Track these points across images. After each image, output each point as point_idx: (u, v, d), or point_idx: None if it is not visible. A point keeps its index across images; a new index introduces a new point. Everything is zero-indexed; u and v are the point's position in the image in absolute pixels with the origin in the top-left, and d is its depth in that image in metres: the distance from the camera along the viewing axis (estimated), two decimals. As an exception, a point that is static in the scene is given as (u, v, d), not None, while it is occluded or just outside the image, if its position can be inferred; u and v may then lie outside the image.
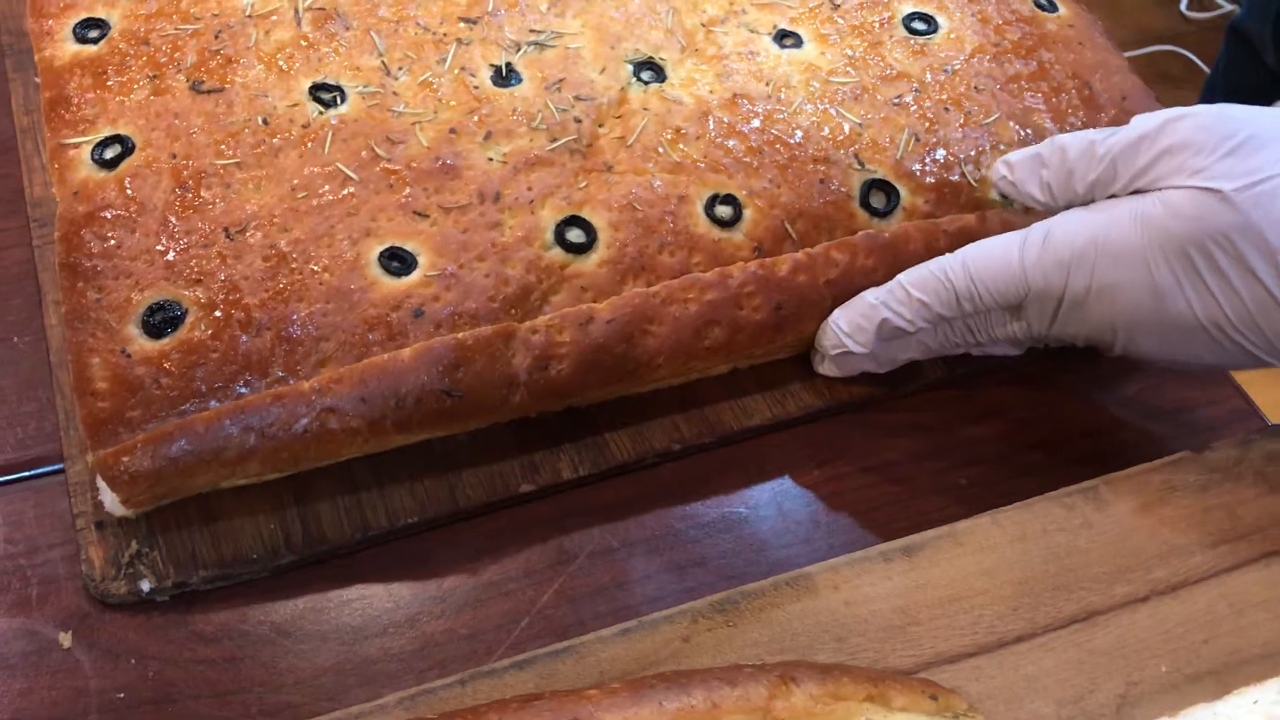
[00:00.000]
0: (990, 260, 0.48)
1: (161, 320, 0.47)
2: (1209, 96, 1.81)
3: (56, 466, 0.49)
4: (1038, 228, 0.47)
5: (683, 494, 0.51)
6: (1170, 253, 0.44)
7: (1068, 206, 0.49)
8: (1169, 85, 2.19)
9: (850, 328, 0.51)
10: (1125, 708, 0.41)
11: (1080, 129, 0.57)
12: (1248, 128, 0.44)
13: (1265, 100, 1.67)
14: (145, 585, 0.46)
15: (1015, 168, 0.51)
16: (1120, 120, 0.58)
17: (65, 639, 0.45)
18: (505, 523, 0.50)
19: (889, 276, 0.51)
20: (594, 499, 0.51)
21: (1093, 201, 0.48)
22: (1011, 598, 0.43)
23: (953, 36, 0.59)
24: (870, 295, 0.50)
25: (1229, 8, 2.20)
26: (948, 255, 0.49)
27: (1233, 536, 0.45)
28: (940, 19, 0.60)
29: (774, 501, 0.52)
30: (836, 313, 0.52)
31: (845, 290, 0.51)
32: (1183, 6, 2.46)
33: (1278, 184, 0.43)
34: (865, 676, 0.38)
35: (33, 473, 0.50)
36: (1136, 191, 0.46)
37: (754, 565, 0.49)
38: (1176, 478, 0.47)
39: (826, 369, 0.53)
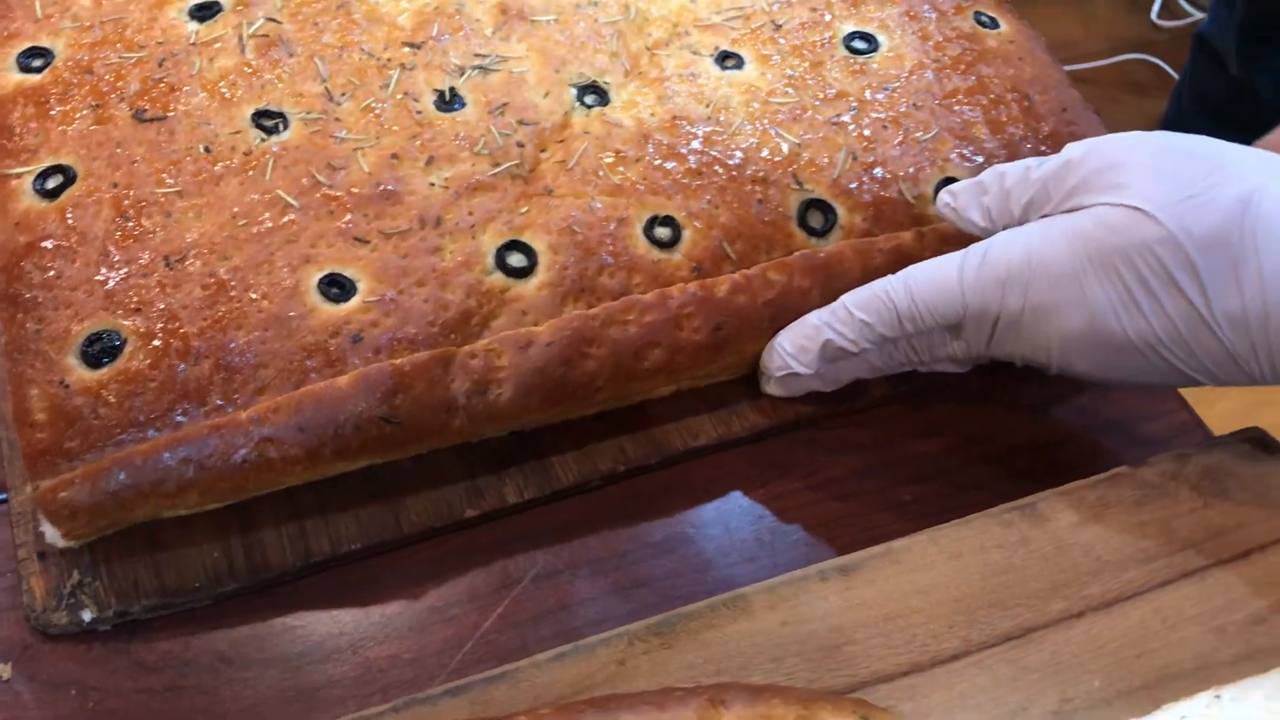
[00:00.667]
0: (931, 280, 0.48)
1: (100, 350, 0.47)
2: (1176, 104, 1.82)
3: (1, 497, 0.49)
4: (976, 248, 0.48)
5: (629, 516, 0.52)
6: (1100, 269, 0.44)
7: (1006, 229, 0.49)
8: (1139, 93, 2.20)
9: (795, 349, 0.51)
10: (1064, 716, 0.41)
11: (1019, 140, 0.58)
12: (1173, 149, 0.45)
13: (1230, 107, 1.69)
14: (87, 615, 0.46)
15: (958, 195, 0.51)
16: (1059, 131, 0.59)
17: (5, 670, 0.45)
18: (450, 547, 0.50)
19: (826, 296, 0.51)
20: (539, 522, 0.51)
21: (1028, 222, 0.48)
22: (947, 616, 0.43)
23: (893, 55, 0.60)
24: (814, 317, 0.51)
25: (1199, 16, 2.21)
26: (891, 276, 0.49)
27: (1166, 552, 0.46)
28: (881, 38, 0.60)
29: (720, 521, 0.52)
30: (781, 334, 0.52)
31: (783, 310, 0.52)
32: (1153, 15, 2.48)
33: (1201, 200, 0.43)
34: (796, 697, 0.38)
35: (-25, 505, 0.50)
36: (1070, 211, 0.46)
37: (699, 585, 0.49)
38: (1112, 494, 0.47)
39: (773, 389, 0.54)
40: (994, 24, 0.63)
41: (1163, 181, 0.44)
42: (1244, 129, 1.77)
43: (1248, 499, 0.48)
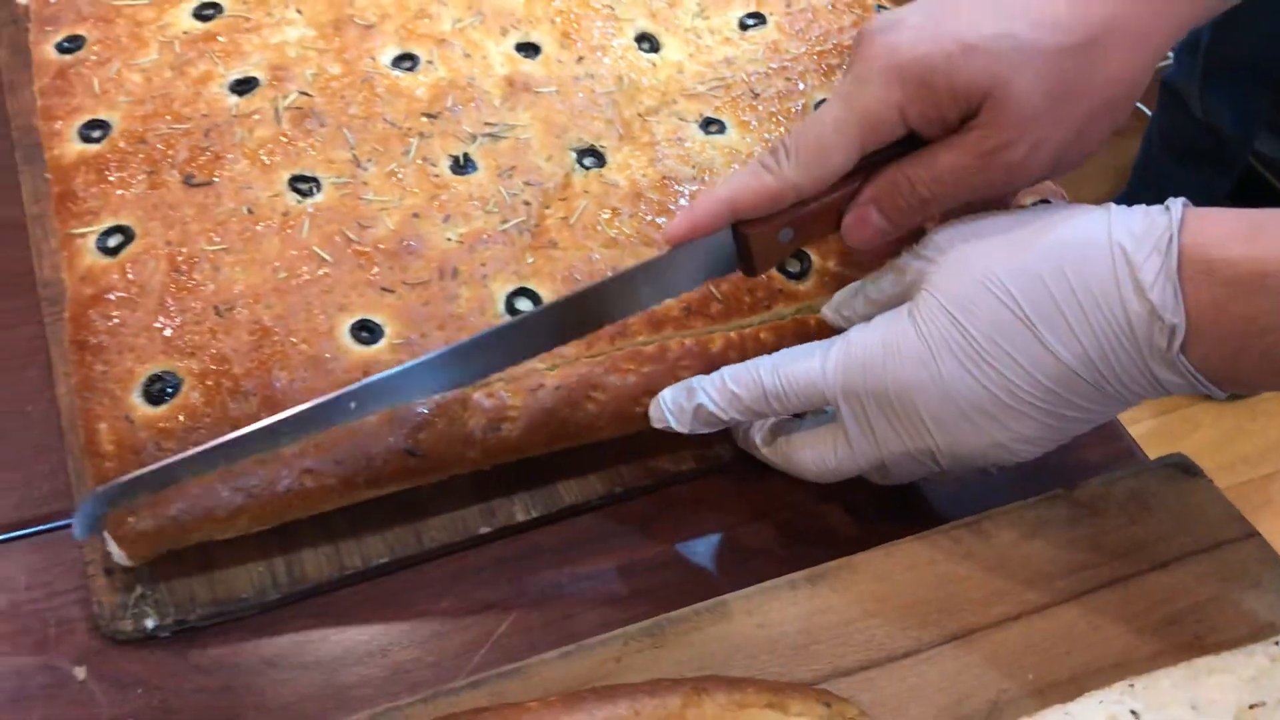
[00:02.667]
0: (796, 359, 0.52)
1: (160, 389, 0.53)
2: (1146, 145, 1.90)
3: (68, 521, 0.56)
4: (839, 337, 0.52)
5: (624, 534, 0.58)
6: (939, 330, 0.48)
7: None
8: (1116, 132, 2.27)
9: (674, 406, 0.55)
10: (995, 711, 0.47)
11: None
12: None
13: (1196, 146, 1.77)
14: (149, 623, 0.52)
15: (832, 306, 0.57)
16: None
17: (80, 672, 0.51)
18: (466, 562, 0.56)
19: None
20: (545, 540, 0.57)
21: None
22: (900, 619, 0.50)
23: (860, 121, 0.67)
24: (696, 380, 0.54)
25: (1169, 61, 2.30)
26: (767, 355, 0.53)
27: (1094, 563, 0.52)
28: (850, 105, 0.67)
29: (704, 538, 0.58)
30: (666, 390, 0.55)
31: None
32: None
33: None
34: (768, 687, 0.45)
35: (48, 526, 0.56)
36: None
37: (685, 594, 0.55)
38: (1049, 513, 0.54)
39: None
40: (951, 91, 0.69)
41: (977, 242, 0.50)
42: (1208, 165, 1.87)
43: (1168, 517, 0.55)
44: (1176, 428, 1.78)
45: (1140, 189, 1.90)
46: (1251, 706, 0.45)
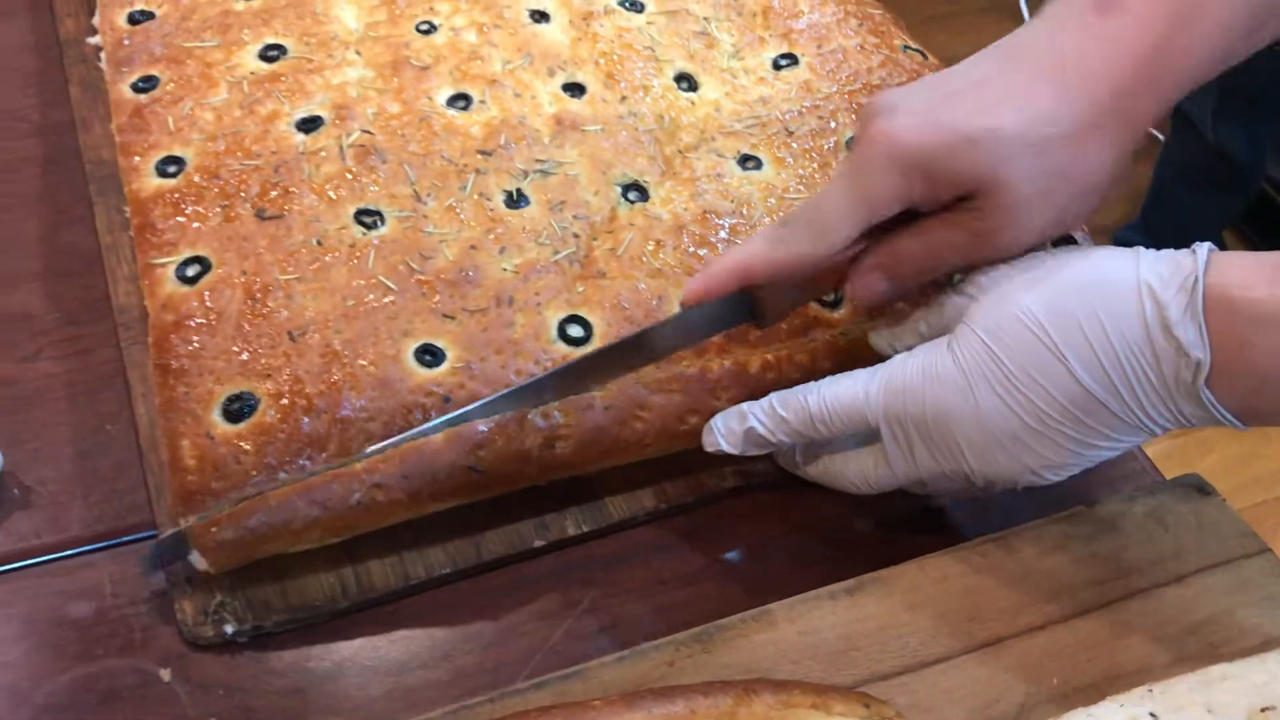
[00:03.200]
0: (842, 386, 0.55)
1: (238, 408, 0.57)
2: (1160, 171, 1.94)
3: (150, 533, 0.59)
4: (882, 365, 0.55)
5: (671, 547, 0.61)
6: (976, 362, 0.52)
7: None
8: (1133, 157, 2.31)
9: (725, 430, 0.59)
10: (1022, 714, 0.51)
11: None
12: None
13: (1207, 171, 1.81)
14: (229, 629, 0.56)
15: (883, 334, 0.60)
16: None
17: (165, 674, 0.55)
18: (522, 574, 0.60)
19: None
20: (595, 553, 0.61)
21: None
22: (933, 628, 0.53)
23: (889, 158, 0.70)
24: (746, 405, 0.58)
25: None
26: (814, 381, 0.57)
27: (1115, 576, 0.56)
28: (879, 142, 0.71)
29: (747, 550, 0.62)
30: (717, 416, 0.60)
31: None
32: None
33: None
34: (812, 689, 0.48)
35: (130, 538, 0.60)
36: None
37: (729, 604, 0.58)
38: (1071, 529, 0.57)
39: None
40: (975, 129, 0.73)
41: (1008, 280, 0.53)
42: (1220, 190, 1.91)
43: (1185, 533, 0.58)
44: (1191, 450, 1.81)
45: (1154, 213, 1.94)
46: (1263, 710, 0.48)
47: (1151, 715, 0.48)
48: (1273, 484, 1.80)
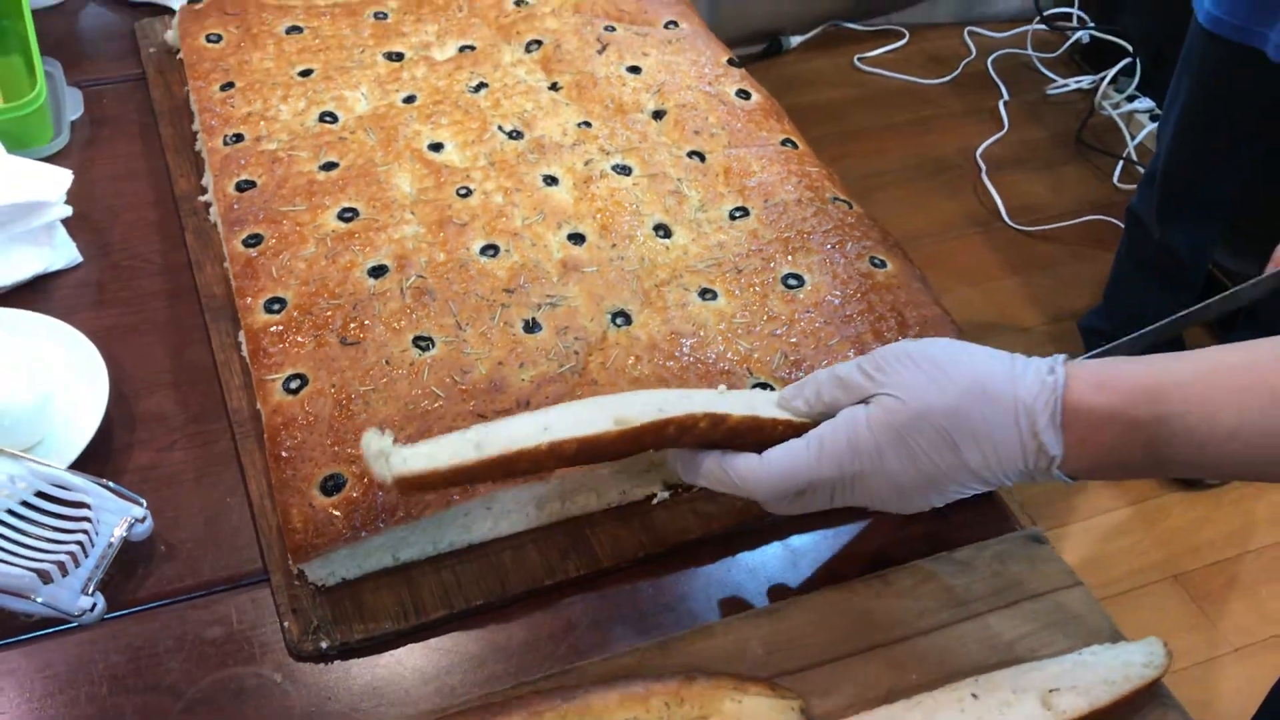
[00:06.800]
0: (786, 454, 0.69)
1: (332, 485, 0.79)
2: (1117, 264, 2.15)
3: (263, 577, 0.81)
4: (813, 435, 0.69)
5: (644, 583, 0.83)
6: (888, 441, 0.69)
7: (820, 416, 0.71)
8: (1102, 247, 2.54)
9: (685, 474, 0.74)
10: (891, 696, 0.71)
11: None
12: (920, 353, 0.70)
13: (1158, 265, 2.04)
14: (323, 644, 0.77)
15: (790, 395, 0.74)
16: (923, 335, 0.91)
17: (278, 678, 0.76)
18: (536, 603, 0.81)
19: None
20: (589, 587, 0.82)
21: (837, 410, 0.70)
22: (828, 638, 0.74)
23: (813, 288, 0.93)
24: (711, 460, 0.71)
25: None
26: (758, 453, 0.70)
27: (965, 600, 0.76)
28: (807, 277, 0.94)
29: (699, 587, 0.83)
30: (682, 452, 0.73)
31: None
32: (1115, 179, 2.82)
33: (939, 385, 0.68)
34: (735, 678, 0.69)
35: (247, 581, 0.82)
36: (866, 401, 0.71)
37: (687, 622, 0.80)
38: (936, 567, 0.78)
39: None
40: (883, 264, 0.96)
41: (915, 373, 0.68)
42: (1170, 281, 2.13)
43: (1020, 571, 0.79)
44: (1151, 514, 2.00)
45: (1114, 301, 2.15)
46: (1050, 690, 0.69)
47: (973, 695, 0.69)
48: (1224, 546, 1.99)
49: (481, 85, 1.11)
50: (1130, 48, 2.95)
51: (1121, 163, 2.78)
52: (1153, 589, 1.90)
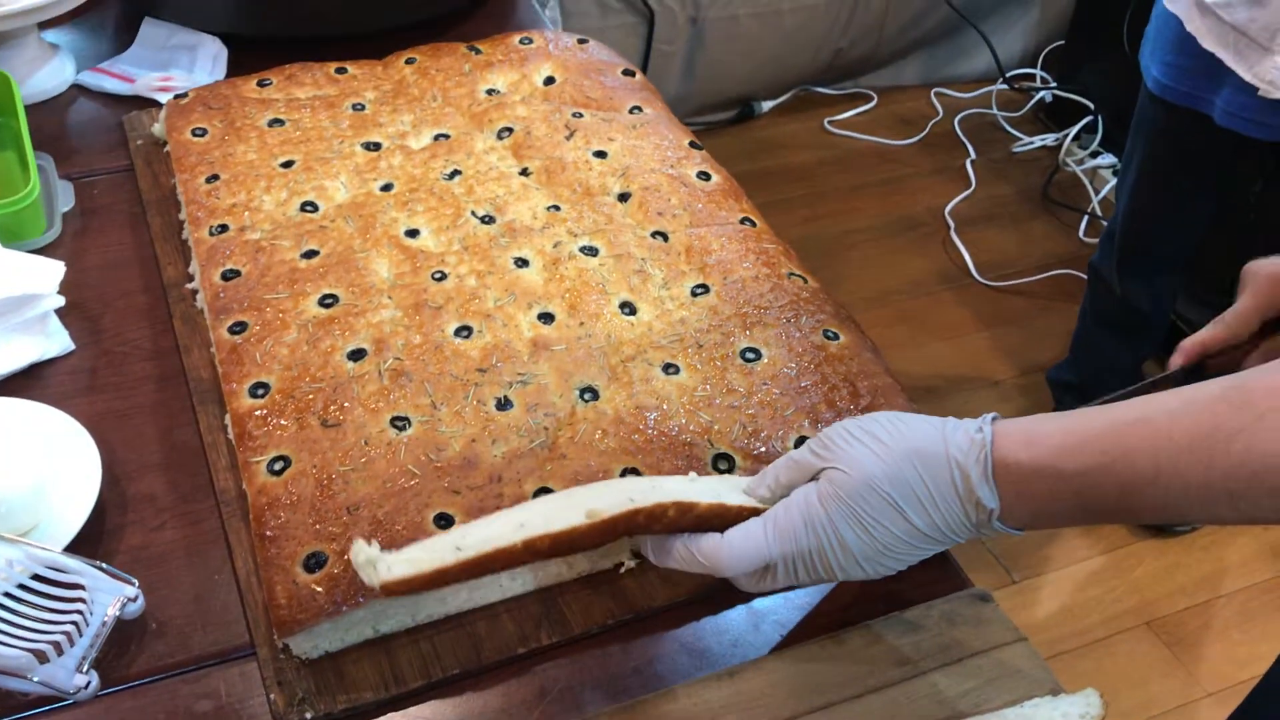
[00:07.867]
0: (746, 536, 0.75)
1: (314, 562, 0.84)
2: (1081, 320, 2.21)
3: (250, 651, 0.85)
4: (769, 515, 0.74)
5: (615, 652, 0.87)
6: (838, 511, 0.75)
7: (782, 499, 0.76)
8: (1069, 300, 2.61)
9: (656, 558, 0.79)
10: (843, 753, 0.75)
11: (847, 412, 0.94)
12: (865, 428, 0.76)
13: (1120, 320, 2.11)
14: (308, 715, 0.81)
15: (754, 485, 0.80)
16: (874, 404, 0.95)
17: (265, 746, 0.80)
18: (509, 671, 0.85)
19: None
20: (560, 655, 0.86)
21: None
22: (784, 696, 0.78)
23: (769, 361, 0.98)
24: (680, 542, 0.76)
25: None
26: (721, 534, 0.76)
27: (915, 659, 0.81)
28: (764, 350, 0.99)
29: (666, 652, 0.87)
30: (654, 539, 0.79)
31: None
32: (1080, 233, 2.90)
33: (882, 456, 0.74)
34: (696, 738, 0.73)
35: (237, 655, 0.86)
36: (816, 478, 0.80)
37: (651, 687, 0.84)
38: (886, 627, 0.83)
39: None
40: (836, 337, 1.01)
41: (858, 447, 0.74)
42: (1132, 334, 2.20)
43: (966, 629, 0.83)
44: (1123, 562, 2.04)
45: (1079, 353, 2.21)
46: (994, 741, 0.73)
47: (923, 749, 0.73)
48: (1195, 591, 2.03)
49: (455, 172, 1.17)
50: (1092, 106, 3.05)
51: (1086, 217, 2.86)
52: (1127, 635, 1.94)
